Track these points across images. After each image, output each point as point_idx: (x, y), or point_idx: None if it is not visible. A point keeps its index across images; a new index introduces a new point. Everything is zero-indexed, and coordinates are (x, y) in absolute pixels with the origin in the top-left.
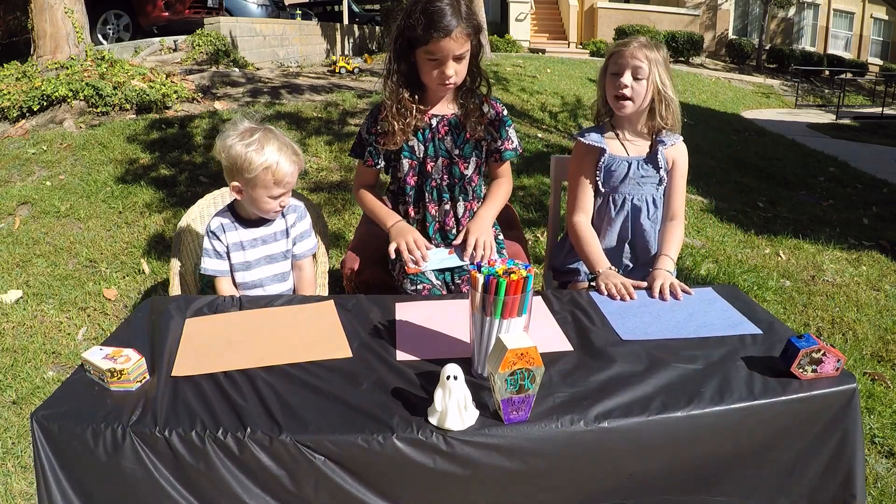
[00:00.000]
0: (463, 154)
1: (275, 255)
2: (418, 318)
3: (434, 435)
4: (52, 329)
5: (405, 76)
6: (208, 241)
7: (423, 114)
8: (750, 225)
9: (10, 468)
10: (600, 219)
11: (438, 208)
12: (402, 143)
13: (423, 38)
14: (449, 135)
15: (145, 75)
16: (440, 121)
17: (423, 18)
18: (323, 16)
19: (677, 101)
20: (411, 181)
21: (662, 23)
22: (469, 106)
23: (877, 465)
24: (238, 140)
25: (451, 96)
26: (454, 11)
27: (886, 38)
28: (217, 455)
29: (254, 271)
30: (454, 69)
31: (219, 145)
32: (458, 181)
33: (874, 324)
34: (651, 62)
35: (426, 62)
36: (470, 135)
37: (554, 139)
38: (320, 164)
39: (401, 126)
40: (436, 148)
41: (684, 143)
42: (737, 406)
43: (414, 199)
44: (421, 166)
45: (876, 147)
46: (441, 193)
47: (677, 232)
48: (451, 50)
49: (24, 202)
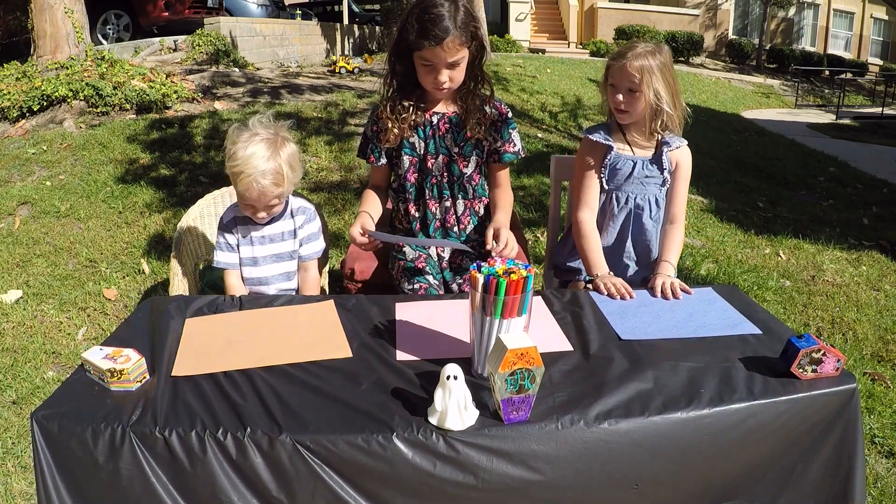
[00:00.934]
0: (463, 153)
1: (282, 254)
2: (418, 318)
3: (434, 435)
4: (52, 329)
5: (403, 76)
6: (220, 234)
7: (425, 112)
8: (750, 225)
9: (10, 468)
10: (602, 215)
11: (439, 205)
12: (397, 142)
13: (416, 45)
14: (449, 132)
15: (145, 75)
16: (441, 118)
17: (416, 25)
18: (323, 16)
19: (679, 108)
20: (412, 178)
21: (662, 23)
22: (469, 106)
23: (877, 465)
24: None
25: (452, 96)
26: (449, 19)
27: (886, 38)
28: (216, 457)
29: (261, 268)
30: (448, 75)
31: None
32: (457, 179)
33: (874, 324)
34: (646, 74)
35: (421, 66)
36: (470, 134)
37: (554, 139)
38: (320, 164)
39: (395, 125)
40: (436, 145)
41: (688, 148)
42: (737, 406)
43: (414, 196)
44: (421, 163)
45: (876, 147)
46: (441, 190)
47: (677, 236)
48: (444, 58)
49: (24, 202)
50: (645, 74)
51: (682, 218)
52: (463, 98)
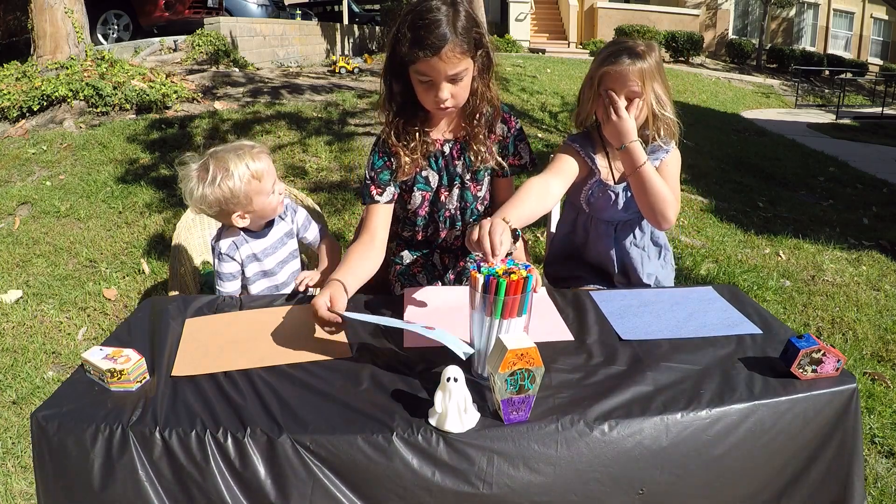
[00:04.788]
0: (476, 178)
1: (286, 257)
2: (425, 314)
3: (434, 436)
4: (52, 329)
5: (402, 97)
6: (221, 264)
7: (433, 143)
8: (750, 225)
9: (10, 468)
10: (585, 233)
11: (449, 232)
12: (412, 172)
13: (411, 57)
14: (460, 158)
15: (145, 75)
16: (453, 145)
17: (409, 34)
18: (323, 16)
19: (675, 116)
20: (423, 212)
21: (662, 23)
22: (473, 131)
23: (877, 465)
24: (205, 185)
25: (460, 114)
26: (447, 24)
27: (886, 38)
28: (215, 459)
29: (277, 276)
30: (449, 91)
31: (194, 206)
32: (469, 204)
33: (874, 324)
34: (647, 79)
35: (418, 83)
36: (476, 163)
37: (554, 139)
38: (320, 164)
39: (407, 153)
40: (450, 175)
41: (678, 150)
42: (737, 406)
43: (422, 226)
44: (434, 196)
45: (876, 147)
46: (454, 222)
47: None
48: (443, 70)
49: (24, 202)
50: (646, 78)
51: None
52: (466, 120)
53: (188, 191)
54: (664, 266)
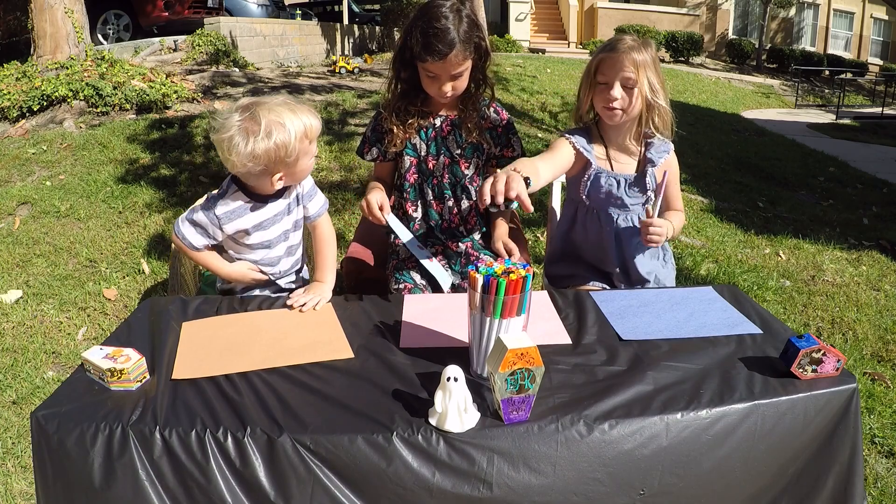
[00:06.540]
0: (465, 154)
1: (288, 228)
2: (425, 310)
3: (434, 436)
4: (52, 329)
5: (407, 83)
6: (205, 216)
7: (428, 115)
8: (750, 225)
9: (10, 468)
10: (585, 230)
11: (443, 206)
12: (402, 146)
13: (420, 58)
14: (451, 134)
15: (145, 75)
16: (444, 120)
17: (420, 39)
18: (323, 16)
19: (669, 106)
20: (411, 178)
21: (662, 23)
22: (468, 111)
23: (877, 465)
24: (257, 139)
25: (455, 99)
26: (454, 31)
27: (886, 38)
28: (215, 458)
29: (275, 249)
30: (451, 86)
31: (238, 162)
32: (459, 181)
33: (874, 324)
34: (641, 68)
35: (425, 76)
36: (467, 136)
37: (554, 139)
38: (320, 164)
39: (400, 129)
40: (438, 146)
41: (674, 153)
42: (737, 406)
43: (412, 196)
44: (422, 164)
45: (876, 147)
46: (443, 191)
47: (678, 215)
48: (448, 70)
49: (24, 202)
50: (640, 68)
51: (680, 208)
52: (464, 101)
53: (231, 145)
54: (664, 265)
